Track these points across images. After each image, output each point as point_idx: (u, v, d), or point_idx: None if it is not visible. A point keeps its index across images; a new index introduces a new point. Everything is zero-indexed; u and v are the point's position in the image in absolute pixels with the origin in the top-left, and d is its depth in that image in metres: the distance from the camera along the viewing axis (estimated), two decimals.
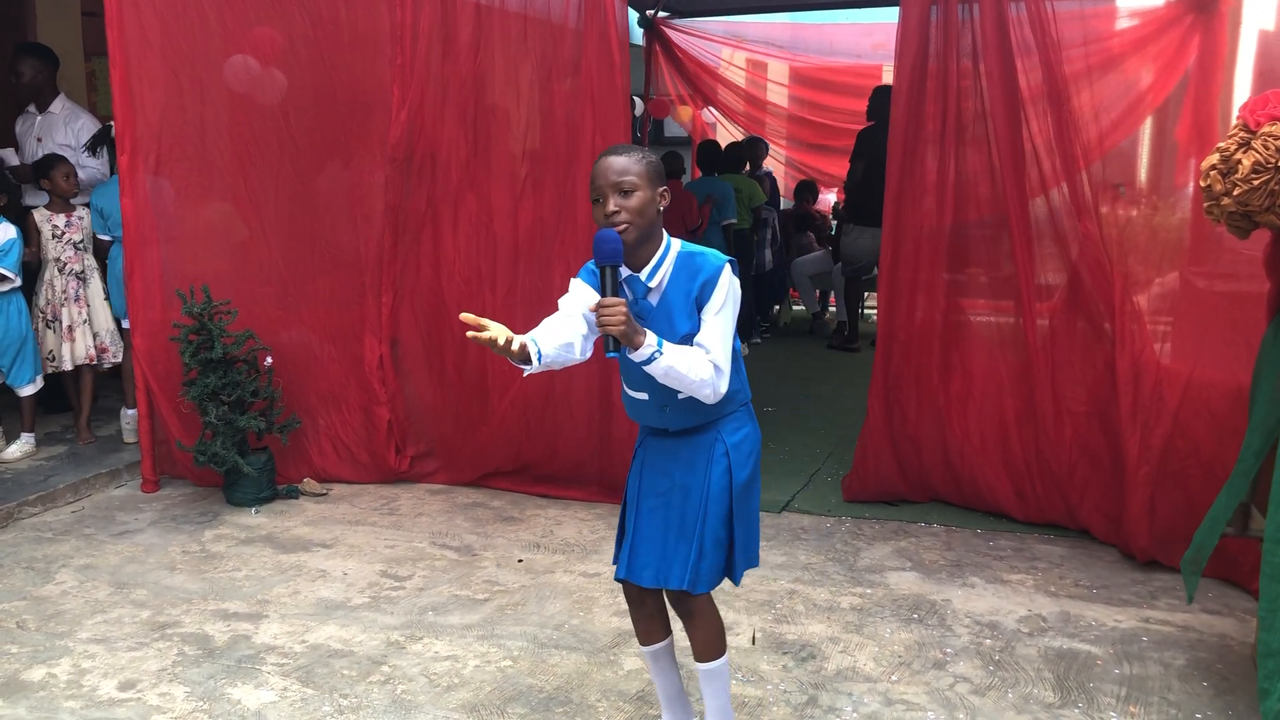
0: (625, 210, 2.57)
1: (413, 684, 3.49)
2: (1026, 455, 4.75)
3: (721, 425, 2.77)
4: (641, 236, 2.61)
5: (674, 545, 2.76)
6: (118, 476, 5.51)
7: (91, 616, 3.98)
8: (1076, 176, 4.44)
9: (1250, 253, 3.77)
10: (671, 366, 2.54)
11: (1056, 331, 4.62)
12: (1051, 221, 4.59)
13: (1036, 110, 4.52)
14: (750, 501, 2.81)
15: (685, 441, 2.77)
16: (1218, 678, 3.58)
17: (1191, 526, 4.17)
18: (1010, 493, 4.82)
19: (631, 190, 2.58)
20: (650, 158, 2.65)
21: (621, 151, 2.63)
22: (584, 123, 4.91)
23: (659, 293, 2.66)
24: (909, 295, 4.86)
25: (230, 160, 5.21)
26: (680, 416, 2.74)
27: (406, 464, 5.49)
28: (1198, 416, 4.23)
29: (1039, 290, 4.63)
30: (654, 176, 2.63)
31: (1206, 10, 4.60)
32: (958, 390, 4.87)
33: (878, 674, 3.58)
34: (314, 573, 4.41)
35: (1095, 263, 4.45)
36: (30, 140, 6.19)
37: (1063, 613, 4.07)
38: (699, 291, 2.63)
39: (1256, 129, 3.07)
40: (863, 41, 10.07)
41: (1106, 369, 4.48)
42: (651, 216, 2.62)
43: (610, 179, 2.58)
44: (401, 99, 4.99)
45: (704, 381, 2.59)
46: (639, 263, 2.65)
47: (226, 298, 5.17)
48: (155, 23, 5.11)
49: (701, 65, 10.69)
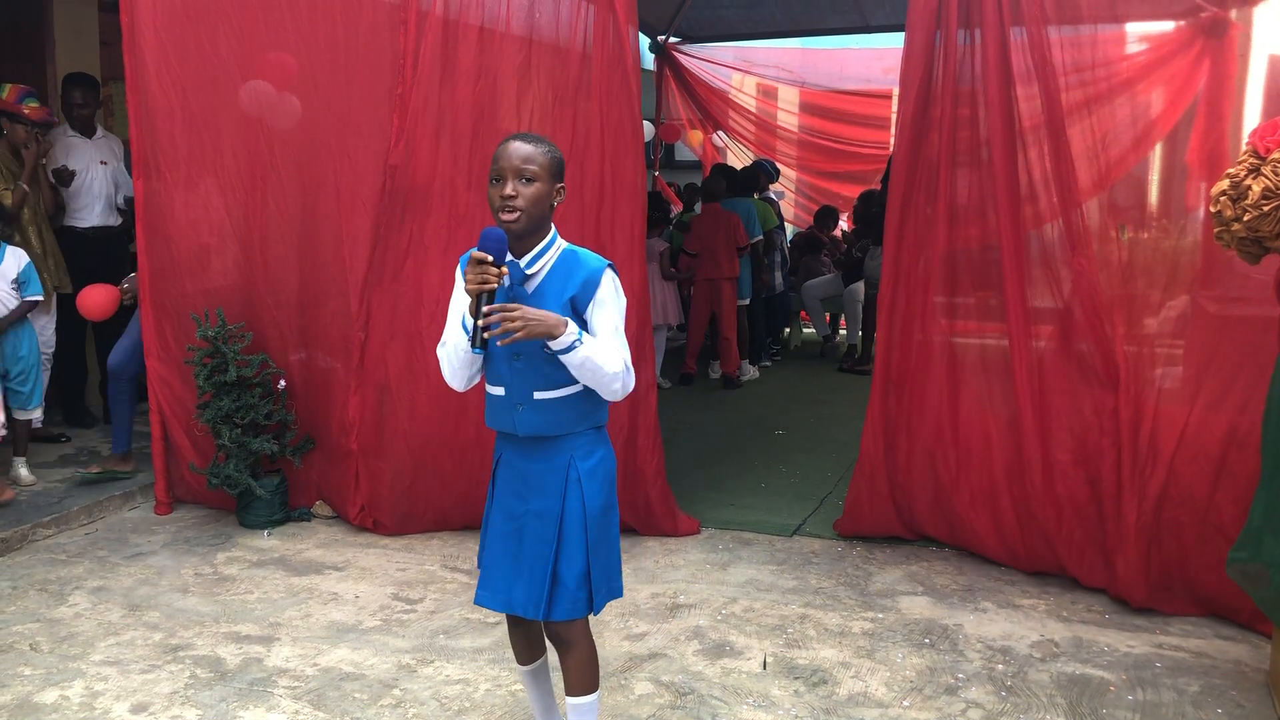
0: (522, 197, 2.58)
1: (424, 708, 3.49)
2: (1016, 507, 4.57)
3: (575, 447, 2.72)
4: (532, 226, 2.62)
5: (526, 571, 2.74)
6: (131, 499, 5.53)
7: (104, 639, 3.99)
8: (1073, 211, 4.32)
9: (1261, 277, 3.78)
10: (589, 357, 2.56)
11: (1047, 373, 4.49)
12: (1045, 258, 4.46)
13: (1035, 140, 4.47)
14: (609, 529, 2.77)
15: (538, 460, 2.73)
16: (1232, 704, 3.55)
17: (1186, 574, 4.17)
18: (999, 545, 4.67)
19: (532, 179, 2.59)
20: (555, 153, 2.66)
21: (530, 140, 2.63)
22: (591, 151, 4.84)
23: (535, 281, 2.66)
24: (904, 330, 4.74)
25: (239, 185, 5.21)
26: (531, 419, 2.69)
27: (370, 522, 5.16)
28: (1193, 462, 4.11)
29: (1033, 333, 4.50)
30: (555, 171, 2.65)
31: (1216, 35, 4.60)
32: (948, 433, 4.73)
33: (889, 699, 3.57)
34: (326, 596, 4.41)
35: (1089, 301, 4.31)
36: (93, 164, 6.54)
37: (1075, 638, 4.05)
38: (579, 289, 2.64)
39: (1266, 155, 3.08)
40: (873, 66, 10.14)
41: (1094, 414, 4.34)
42: (544, 209, 2.63)
43: (514, 163, 2.58)
44: (400, 128, 4.86)
45: (616, 375, 2.61)
46: (521, 250, 2.65)
47: (240, 320, 5.20)
48: (168, 50, 5.16)
49: (712, 90, 10.76)
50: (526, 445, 2.74)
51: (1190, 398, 4.15)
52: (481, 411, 4.89)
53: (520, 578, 2.75)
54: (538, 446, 2.73)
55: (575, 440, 2.73)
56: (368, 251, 4.98)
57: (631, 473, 4.92)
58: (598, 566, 2.74)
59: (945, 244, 4.65)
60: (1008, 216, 4.45)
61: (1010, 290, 4.47)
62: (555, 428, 2.70)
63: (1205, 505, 4.09)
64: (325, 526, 5.25)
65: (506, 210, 2.58)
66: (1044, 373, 4.46)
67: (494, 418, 2.79)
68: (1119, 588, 4.28)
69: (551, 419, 2.70)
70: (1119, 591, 4.29)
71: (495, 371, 2.73)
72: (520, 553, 2.75)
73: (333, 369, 5.21)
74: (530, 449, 2.74)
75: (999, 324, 4.58)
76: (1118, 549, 4.26)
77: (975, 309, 4.72)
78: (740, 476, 6.08)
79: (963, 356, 4.70)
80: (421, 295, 4.98)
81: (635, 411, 4.93)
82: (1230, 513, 4.01)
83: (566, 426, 2.71)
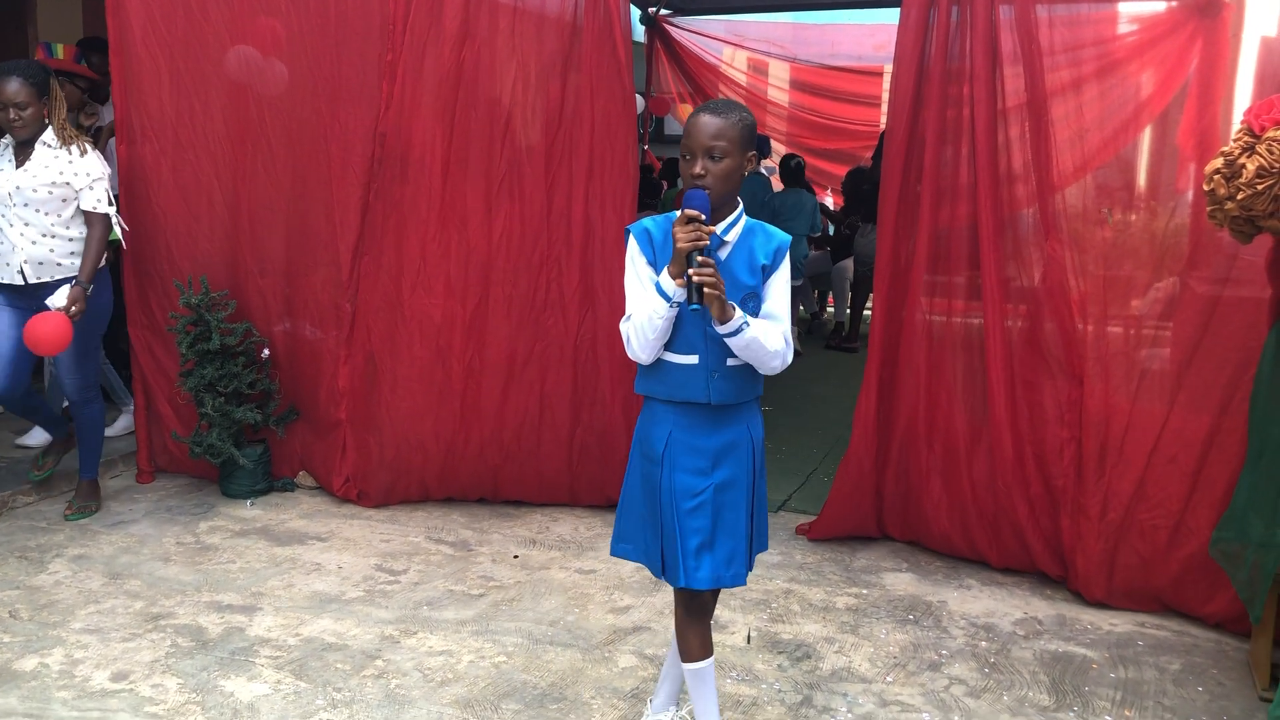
0: (710, 175, 2.59)
1: (407, 679, 3.48)
2: (981, 499, 4.44)
3: (751, 415, 2.80)
4: (722, 201, 2.65)
5: (725, 542, 2.74)
6: (113, 467, 5.49)
7: (85, 607, 3.96)
8: (1049, 194, 4.22)
9: (1251, 259, 3.77)
10: (755, 338, 2.60)
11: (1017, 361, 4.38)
12: (1022, 241, 4.35)
13: (1016, 121, 4.39)
14: (763, 489, 2.87)
15: (725, 429, 2.74)
16: (1213, 683, 3.58)
17: (1150, 581, 4.13)
18: (965, 544, 4.55)
19: (722, 156, 2.59)
20: (746, 119, 2.64)
21: (719, 112, 2.61)
22: (581, 123, 4.79)
23: (727, 250, 2.69)
24: (896, 311, 4.59)
25: (227, 151, 5.14)
26: (724, 387, 2.71)
27: (354, 493, 5.12)
28: (1172, 463, 4.03)
29: (1009, 314, 4.38)
30: (746, 140, 2.63)
31: (1209, 16, 4.57)
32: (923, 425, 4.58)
33: (873, 675, 3.57)
34: (309, 566, 4.39)
35: (1059, 289, 4.22)
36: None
37: (1058, 616, 4.06)
38: (772, 257, 2.69)
39: (1261, 133, 3.07)
40: (864, 42, 10.08)
41: (1055, 406, 4.24)
42: (735, 183, 2.64)
43: (703, 141, 2.59)
44: (390, 95, 4.80)
45: (777, 353, 2.65)
46: (716, 219, 2.66)
47: (224, 289, 5.15)
48: (154, 13, 5.07)
49: (703, 64, 10.69)
50: (712, 415, 2.73)
51: (1170, 394, 4.05)
52: (465, 383, 4.93)
53: (719, 550, 2.73)
54: (724, 415, 2.74)
55: (750, 408, 2.81)
56: (358, 219, 4.93)
57: (620, 448, 4.91)
58: (759, 527, 2.85)
59: (930, 223, 4.58)
60: (988, 198, 4.38)
61: (987, 273, 4.40)
62: (740, 394, 2.74)
63: (1181, 508, 4.01)
64: (309, 497, 5.22)
65: (702, 187, 2.59)
66: (1016, 360, 4.37)
67: (677, 388, 2.73)
68: (1078, 583, 4.21)
69: (738, 386, 2.74)
70: (1077, 586, 4.22)
71: (687, 340, 2.69)
72: (717, 525, 2.73)
73: (320, 338, 5.15)
74: (716, 418, 2.73)
75: (977, 306, 4.50)
76: (1076, 546, 4.19)
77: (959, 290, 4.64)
78: None
79: (941, 340, 4.57)
80: (403, 265, 4.93)
81: (624, 387, 4.91)
82: (1207, 517, 3.91)
83: (747, 394, 2.76)
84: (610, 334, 4.82)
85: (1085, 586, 4.17)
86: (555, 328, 4.90)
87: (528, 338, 4.92)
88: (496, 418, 4.98)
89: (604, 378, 4.90)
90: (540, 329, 4.91)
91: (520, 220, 4.88)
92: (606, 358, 4.87)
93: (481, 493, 5.16)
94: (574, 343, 4.89)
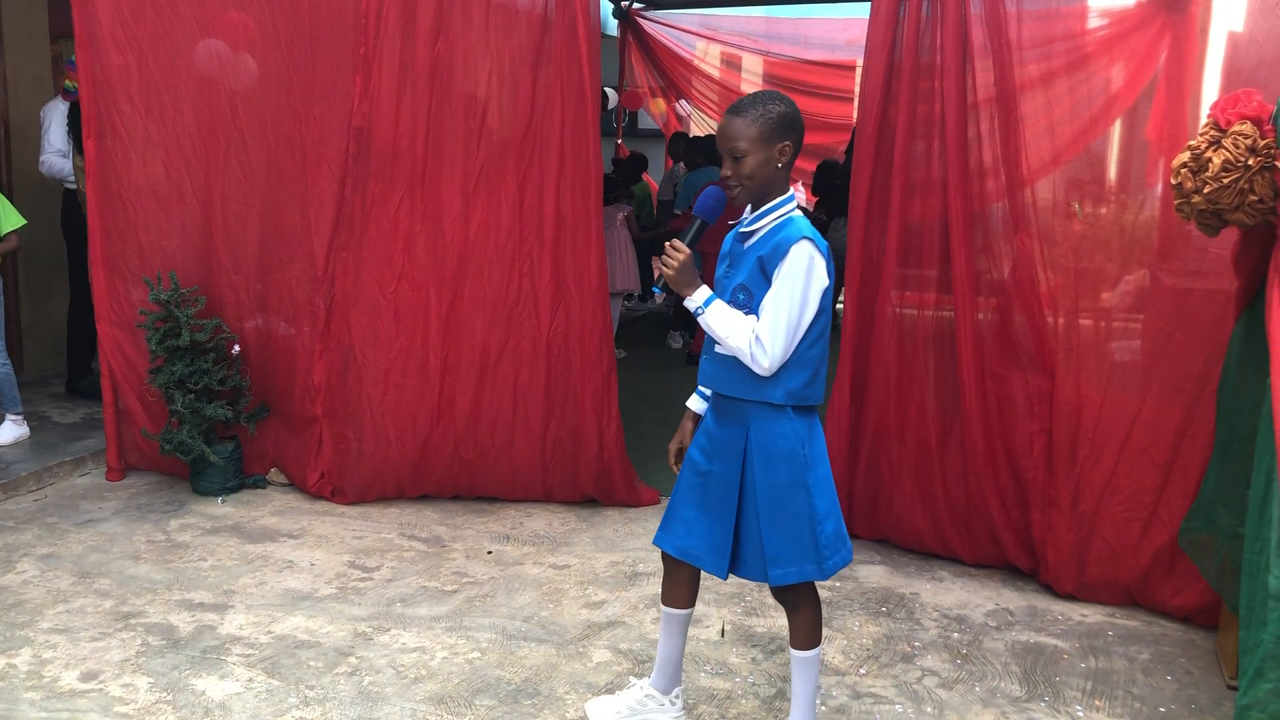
0: (736, 176, 2.71)
1: (380, 675, 3.47)
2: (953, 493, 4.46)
3: (753, 419, 2.78)
4: (753, 197, 2.75)
5: (704, 526, 2.87)
6: (82, 465, 5.44)
7: (53, 606, 3.92)
8: (1018, 188, 4.22)
9: (1219, 252, 3.80)
10: (709, 324, 2.74)
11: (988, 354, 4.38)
12: (992, 235, 4.35)
13: (987, 115, 4.41)
14: (788, 506, 2.78)
15: (721, 423, 2.85)
16: (1181, 671, 3.61)
17: (1121, 574, 4.16)
18: (936, 540, 4.55)
19: (743, 155, 2.68)
20: (768, 115, 2.68)
21: (739, 111, 2.70)
22: (553, 117, 4.78)
23: (753, 239, 2.78)
24: (869, 305, 4.58)
25: (199, 147, 5.10)
26: (711, 371, 2.86)
27: (329, 490, 5.09)
28: (1144, 454, 4.05)
29: (979, 307, 4.38)
30: (768, 135, 2.68)
31: (1177, 11, 4.61)
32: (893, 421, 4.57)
33: (846, 667, 3.59)
34: (281, 563, 4.37)
35: (1029, 282, 4.22)
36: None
37: (1030, 607, 4.10)
38: (769, 251, 2.71)
39: (1227, 128, 3.09)
40: (837, 36, 10.10)
41: (1025, 398, 4.25)
42: (765, 176, 2.71)
43: (725, 144, 2.71)
44: (364, 89, 4.79)
45: (739, 349, 2.71)
46: (754, 207, 2.79)
47: (196, 284, 5.11)
48: (123, 8, 5.02)
49: (676, 57, 10.69)
50: (718, 405, 2.89)
51: (1142, 386, 4.08)
52: (441, 379, 4.92)
53: (704, 531, 2.88)
54: (725, 409, 2.85)
55: (758, 411, 2.78)
56: (333, 214, 4.91)
57: (591, 443, 4.91)
58: (771, 539, 2.80)
59: (900, 218, 4.58)
60: (958, 191, 4.40)
61: (958, 267, 4.41)
62: (731, 387, 2.80)
63: (1154, 499, 4.03)
64: (280, 494, 5.19)
65: (728, 187, 2.74)
66: (986, 353, 4.38)
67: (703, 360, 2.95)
68: (1048, 575, 4.23)
69: (727, 376, 2.81)
70: (1048, 579, 4.23)
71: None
72: (704, 506, 2.89)
73: (295, 334, 5.12)
74: (720, 410, 2.87)
75: (948, 300, 4.51)
76: (1047, 539, 4.21)
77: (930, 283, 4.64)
78: None
79: (912, 334, 4.55)
80: (379, 260, 4.91)
81: (594, 383, 4.91)
82: (1180, 510, 3.92)
83: (744, 391, 2.78)
84: (581, 330, 4.83)
85: (1056, 579, 4.20)
86: (528, 323, 4.89)
87: (500, 333, 4.91)
88: (471, 413, 4.97)
89: (575, 373, 4.89)
90: (513, 324, 4.90)
91: (495, 214, 4.87)
92: (578, 353, 4.87)
93: (456, 489, 5.14)
94: (546, 339, 4.88)
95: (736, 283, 2.77)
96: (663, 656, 3.12)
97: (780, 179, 2.74)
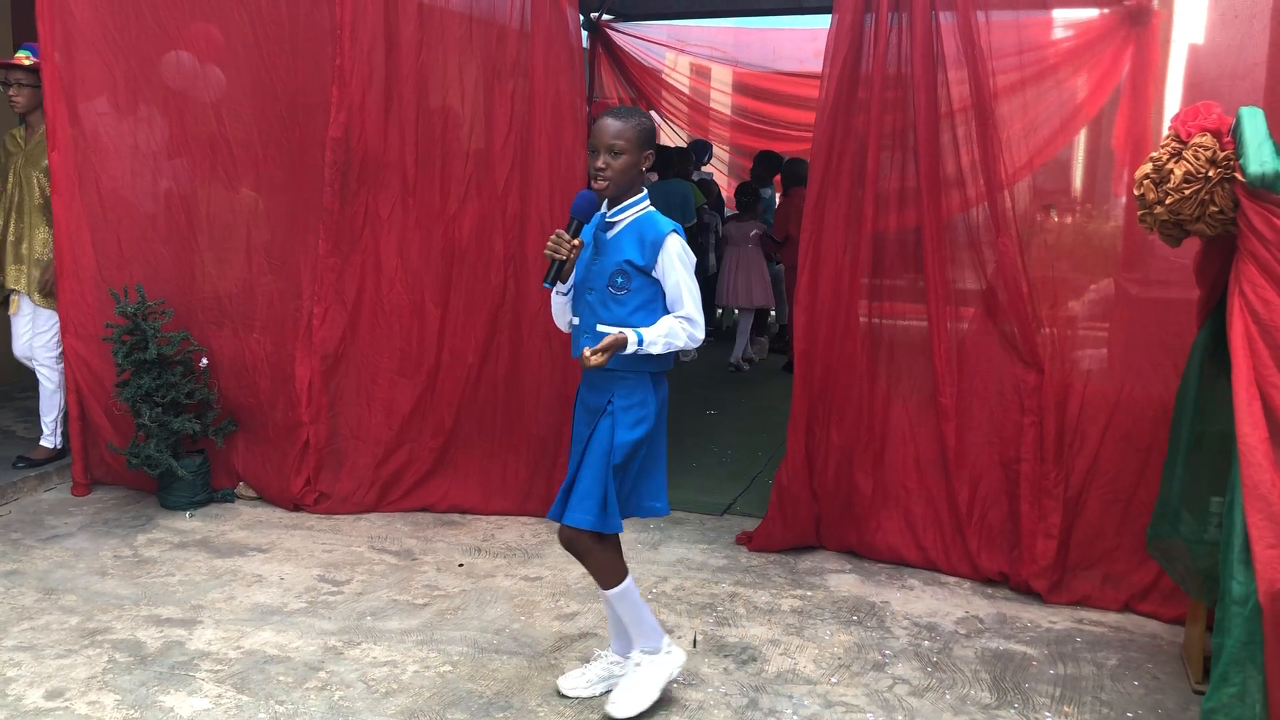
0: (611, 168, 3.06)
1: (350, 690, 3.44)
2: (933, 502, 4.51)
3: (616, 387, 3.15)
4: (621, 190, 3.12)
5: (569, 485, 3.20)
6: (47, 480, 5.37)
7: (18, 623, 3.87)
8: (998, 194, 4.28)
9: (1181, 260, 3.85)
10: (654, 350, 3.06)
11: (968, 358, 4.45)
12: (969, 240, 4.43)
13: (962, 123, 4.45)
14: (633, 460, 3.19)
15: (593, 392, 3.20)
16: (1148, 677, 3.65)
17: (1105, 553, 4.22)
18: (916, 551, 4.56)
19: (621, 152, 3.06)
20: (643, 126, 3.10)
21: (620, 116, 3.09)
22: (533, 126, 4.84)
23: (615, 230, 3.16)
24: (828, 316, 4.57)
25: (165, 159, 5.09)
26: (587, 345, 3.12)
27: (312, 498, 5.07)
28: (1120, 442, 4.14)
29: (954, 315, 4.46)
30: (642, 141, 3.10)
31: (1140, 23, 4.67)
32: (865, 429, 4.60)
33: (818, 676, 3.60)
34: (250, 577, 4.33)
35: (1013, 283, 4.28)
36: None
37: (999, 614, 4.12)
38: (638, 251, 3.09)
39: (1188, 139, 3.14)
40: (805, 48, 10.15)
41: (1015, 394, 4.31)
42: (632, 176, 3.11)
43: (605, 139, 3.05)
44: (340, 100, 4.83)
45: (691, 337, 3.10)
46: (613, 204, 3.16)
47: (161, 297, 5.07)
48: (88, 15, 5.00)
49: (645, 69, 10.71)
50: (588, 377, 3.19)
51: (1119, 375, 4.19)
52: (420, 390, 4.97)
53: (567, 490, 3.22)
54: (596, 379, 3.17)
55: (622, 380, 3.14)
56: (319, 223, 4.96)
57: (564, 451, 4.91)
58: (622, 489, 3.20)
59: (871, 228, 4.60)
60: (930, 200, 4.44)
61: (931, 273, 4.45)
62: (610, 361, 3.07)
63: (1135, 483, 4.12)
64: (249, 508, 5.15)
65: (598, 179, 3.08)
66: (964, 356, 4.43)
67: (574, 348, 3.22)
68: (1026, 572, 4.25)
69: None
70: (1026, 576, 4.26)
71: (577, 304, 3.23)
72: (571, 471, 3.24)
73: (279, 343, 5.13)
74: (590, 381, 3.21)
75: (921, 308, 4.55)
76: (1035, 531, 4.25)
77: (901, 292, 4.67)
78: (672, 456, 5.91)
79: (883, 342, 4.60)
80: (380, 265, 5.01)
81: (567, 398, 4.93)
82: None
83: (617, 362, 3.07)
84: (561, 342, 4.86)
85: (1035, 577, 4.24)
86: (508, 335, 5.01)
87: (484, 338, 5.01)
88: (453, 423, 5.06)
89: (553, 385, 4.93)
90: (497, 331, 5.01)
91: (480, 222, 4.97)
92: (548, 366, 4.91)
93: (430, 500, 5.15)
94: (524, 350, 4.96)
95: (614, 266, 3.11)
96: (611, 625, 3.42)
97: (638, 180, 3.15)
